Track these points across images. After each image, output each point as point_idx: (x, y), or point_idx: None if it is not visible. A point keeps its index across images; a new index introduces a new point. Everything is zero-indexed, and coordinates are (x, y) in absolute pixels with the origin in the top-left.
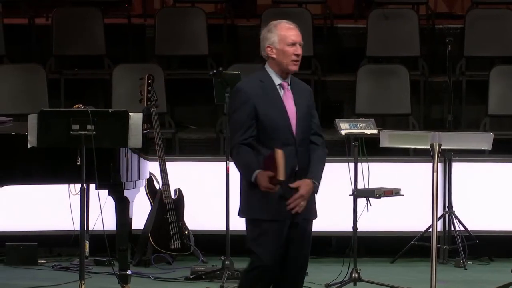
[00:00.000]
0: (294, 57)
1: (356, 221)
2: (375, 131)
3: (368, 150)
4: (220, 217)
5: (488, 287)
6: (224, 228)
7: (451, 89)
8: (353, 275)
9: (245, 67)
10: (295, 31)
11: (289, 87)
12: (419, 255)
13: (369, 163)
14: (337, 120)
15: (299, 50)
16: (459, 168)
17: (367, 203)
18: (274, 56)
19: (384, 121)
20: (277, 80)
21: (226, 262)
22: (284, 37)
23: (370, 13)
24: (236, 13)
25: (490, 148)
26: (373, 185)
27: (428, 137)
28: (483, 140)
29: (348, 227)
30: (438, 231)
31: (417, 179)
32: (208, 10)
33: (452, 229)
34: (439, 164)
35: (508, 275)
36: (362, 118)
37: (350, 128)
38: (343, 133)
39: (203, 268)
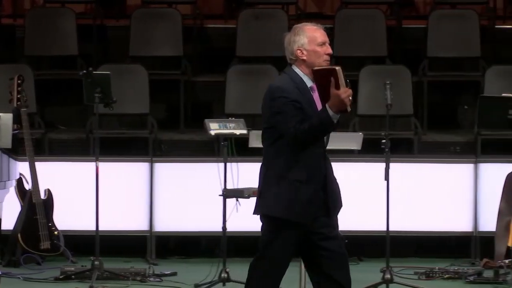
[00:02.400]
0: (326, 57)
1: (226, 221)
2: (244, 131)
3: (239, 150)
4: (89, 217)
5: (358, 287)
6: (94, 228)
7: None
8: (223, 275)
9: (115, 67)
10: (322, 31)
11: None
12: None
13: (238, 163)
14: (206, 121)
15: (329, 50)
16: None
17: (236, 203)
18: (304, 58)
19: (254, 121)
20: (308, 82)
21: (96, 263)
22: (313, 37)
23: (240, 13)
24: (105, 13)
25: (359, 148)
26: (243, 185)
27: None
28: (353, 140)
29: (218, 227)
30: None
31: None
32: (78, 10)
33: None
34: None
35: (377, 274)
36: (232, 118)
37: (220, 128)
38: (213, 133)
39: (72, 269)
